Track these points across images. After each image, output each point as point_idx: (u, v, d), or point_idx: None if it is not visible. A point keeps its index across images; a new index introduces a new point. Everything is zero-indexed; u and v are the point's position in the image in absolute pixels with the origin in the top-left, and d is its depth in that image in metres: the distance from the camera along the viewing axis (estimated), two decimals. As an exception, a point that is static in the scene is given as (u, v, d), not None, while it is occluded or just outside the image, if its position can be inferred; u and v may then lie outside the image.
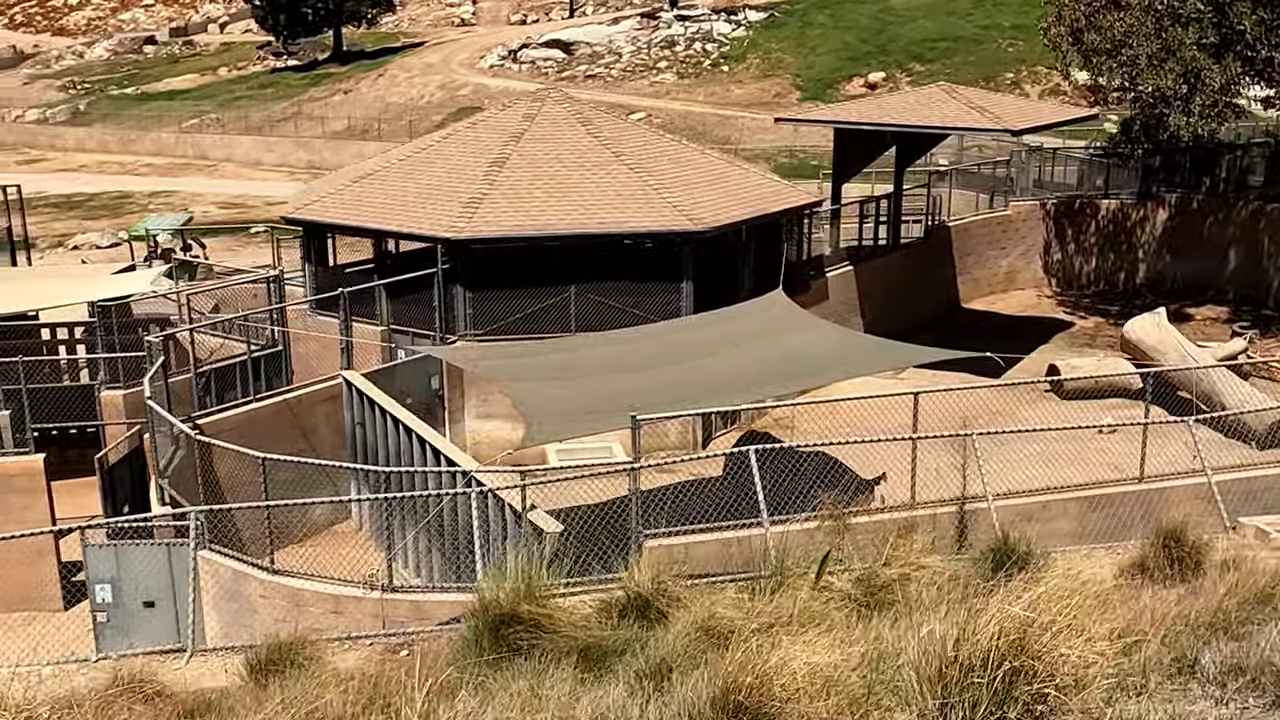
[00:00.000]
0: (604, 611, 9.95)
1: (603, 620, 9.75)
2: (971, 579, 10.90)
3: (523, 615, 9.59)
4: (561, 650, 9.17)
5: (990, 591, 9.92)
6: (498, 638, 9.67)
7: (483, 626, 9.83)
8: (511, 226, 21.55)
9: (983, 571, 11.09)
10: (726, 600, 9.56)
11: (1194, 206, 31.72)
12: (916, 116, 24.75)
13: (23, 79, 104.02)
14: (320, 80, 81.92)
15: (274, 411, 19.26)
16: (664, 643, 8.78)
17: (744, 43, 72.36)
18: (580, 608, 9.94)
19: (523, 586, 9.85)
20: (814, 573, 10.31)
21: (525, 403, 15.71)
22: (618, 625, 9.70)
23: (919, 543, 10.88)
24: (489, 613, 9.82)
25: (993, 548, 11.06)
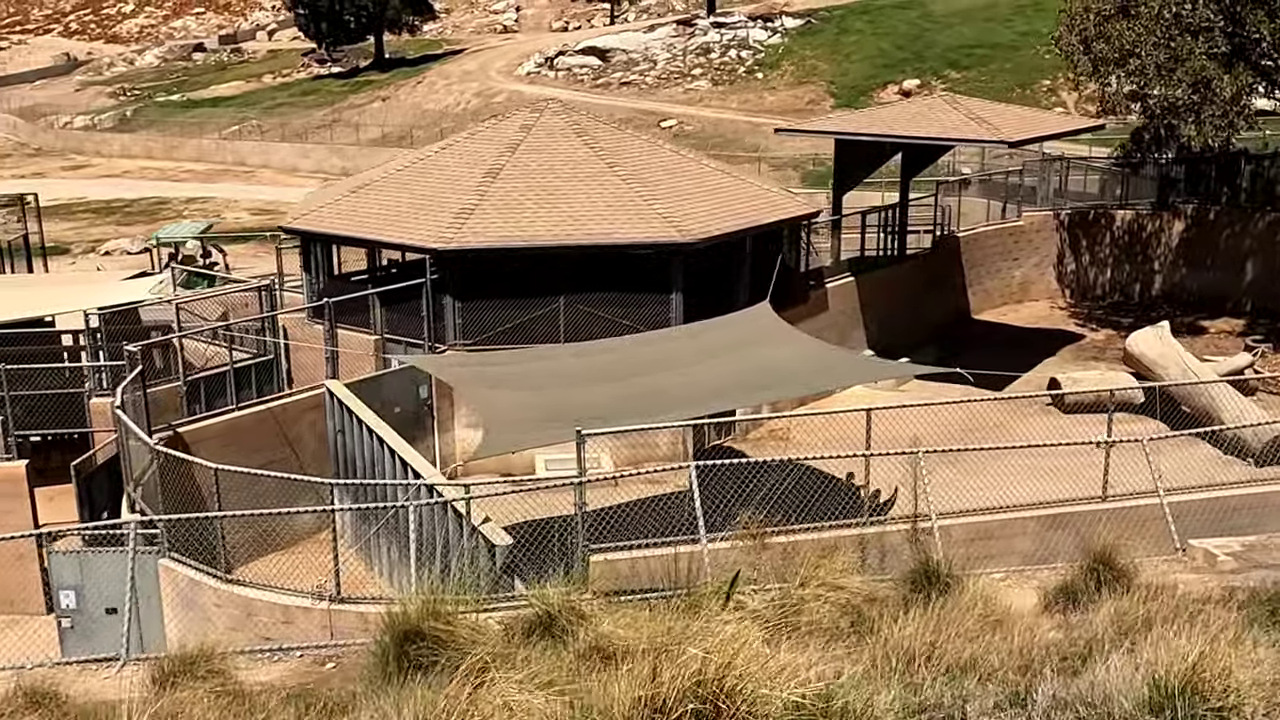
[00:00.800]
0: (511, 629, 9.99)
1: (508, 638, 9.78)
2: (890, 600, 10.85)
3: (426, 632, 9.67)
4: (458, 669, 9.23)
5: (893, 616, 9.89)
6: (403, 654, 9.75)
7: (390, 642, 9.93)
8: (499, 237, 21.66)
9: (903, 593, 11.04)
10: (623, 620, 9.58)
11: (1211, 218, 31.26)
12: (916, 128, 24.59)
13: (75, 86, 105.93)
14: (361, 87, 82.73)
15: (257, 420, 19.47)
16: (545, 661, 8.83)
17: (779, 50, 72.20)
18: (490, 625, 9.99)
19: (430, 603, 9.94)
20: (724, 592, 10.30)
21: (486, 412, 15.79)
22: (523, 643, 9.73)
23: (841, 562, 10.83)
24: (395, 628, 9.91)
25: (914, 569, 10.98)
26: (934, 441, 18.98)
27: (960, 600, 10.07)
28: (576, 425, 13.96)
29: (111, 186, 65.76)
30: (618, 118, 66.22)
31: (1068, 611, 10.35)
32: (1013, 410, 24.41)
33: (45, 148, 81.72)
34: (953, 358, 28.52)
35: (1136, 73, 26.49)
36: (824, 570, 10.64)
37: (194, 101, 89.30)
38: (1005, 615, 9.48)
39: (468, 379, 17.50)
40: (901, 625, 8.62)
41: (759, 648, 5.04)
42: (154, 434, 18.03)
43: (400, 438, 17.22)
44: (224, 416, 19.17)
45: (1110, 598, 10.21)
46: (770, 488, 14.85)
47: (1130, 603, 9.42)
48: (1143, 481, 16.91)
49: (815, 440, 24.06)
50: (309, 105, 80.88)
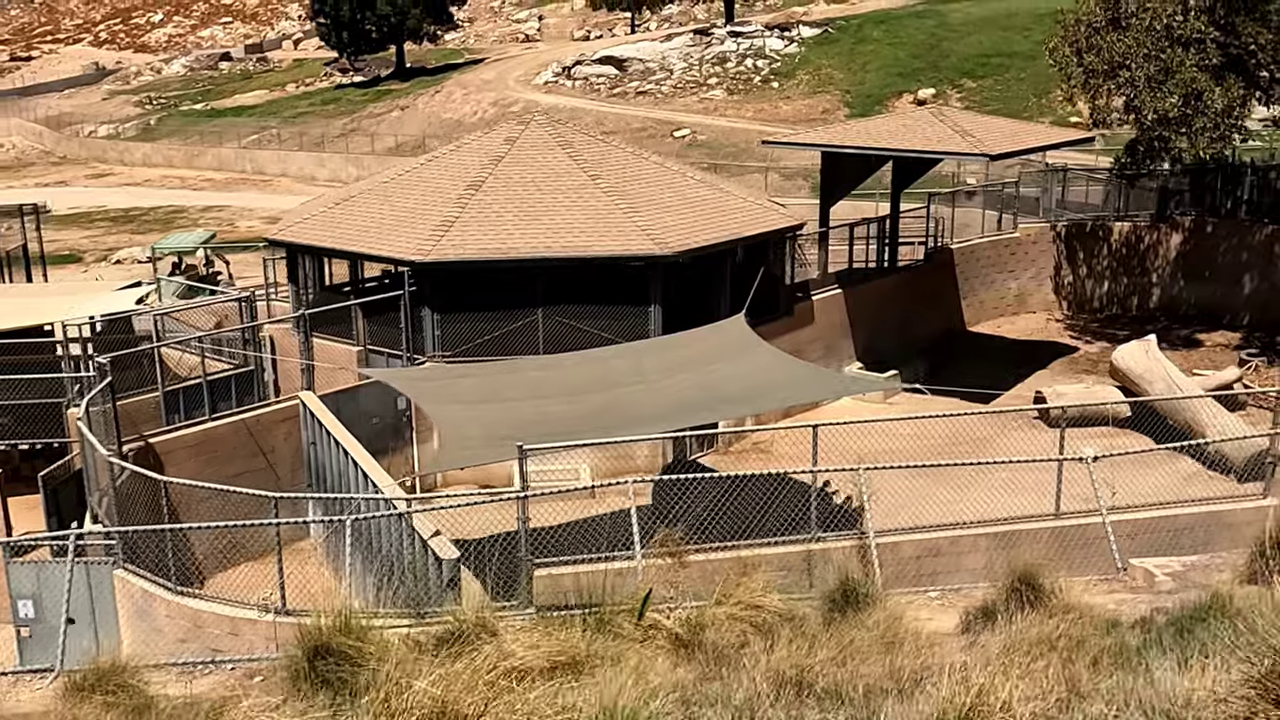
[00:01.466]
0: (423, 646, 10.05)
1: (419, 654, 9.84)
2: (808, 619, 10.85)
3: (335, 648, 9.75)
4: (361, 685, 9.31)
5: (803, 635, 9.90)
6: (313, 669, 9.84)
7: (301, 656, 10.01)
8: (477, 250, 21.77)
9: (823, 611, 11.03)
10: (528, 639, 9.63)
11: (1208, 230, 31.04)
12: (900, 140, 24.55)
13: (103, 95, 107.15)
14: (381, 96, 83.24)
15: (231, 431, 19.64)
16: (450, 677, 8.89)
17: (795, 59, 72.13)
18: (396, 641, 10.04)
19: (342, 619, 10.02)
20: (636, 610, 10.34)
21: (442, 427, 15.88)
22: (434, 659, 9.78)
23: (761, 581, 10.83)
24: (307, 644, 9.99)
25: (834, 588, 10.96)
26: (916, 455, 19.04)
27: (866, 620, 10.07)
28: (534, 439, 14.02)
29: (131, 195, 66.46)
30: (633, 127, 66.45)
31: (981, 632, 10.31)
32: (999, 424, 24.33)
33: (70, 156, 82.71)
34: (943, 370, 28.57)
35: (1127, 85, 26.33)
36: (743, 589, 10.66)
37: (217, 111, 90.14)
38: (909, 637, 9.45)
39: (430, 393, 17.58)
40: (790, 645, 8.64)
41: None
42: (124, 444, 18.25)
43: (363, 449, 17.35)
44: (197, 427, 19.33)
45: (1021, 619, 10.18)
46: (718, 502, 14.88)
47: (1041, 624, 9.41)
48: (1133, 496, 16.88)
49: (799, 452, 24.13)
50: (330, 114, 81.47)
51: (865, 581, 11.14)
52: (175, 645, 14.22)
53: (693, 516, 13.82)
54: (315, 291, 25.37)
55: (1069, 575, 13.84)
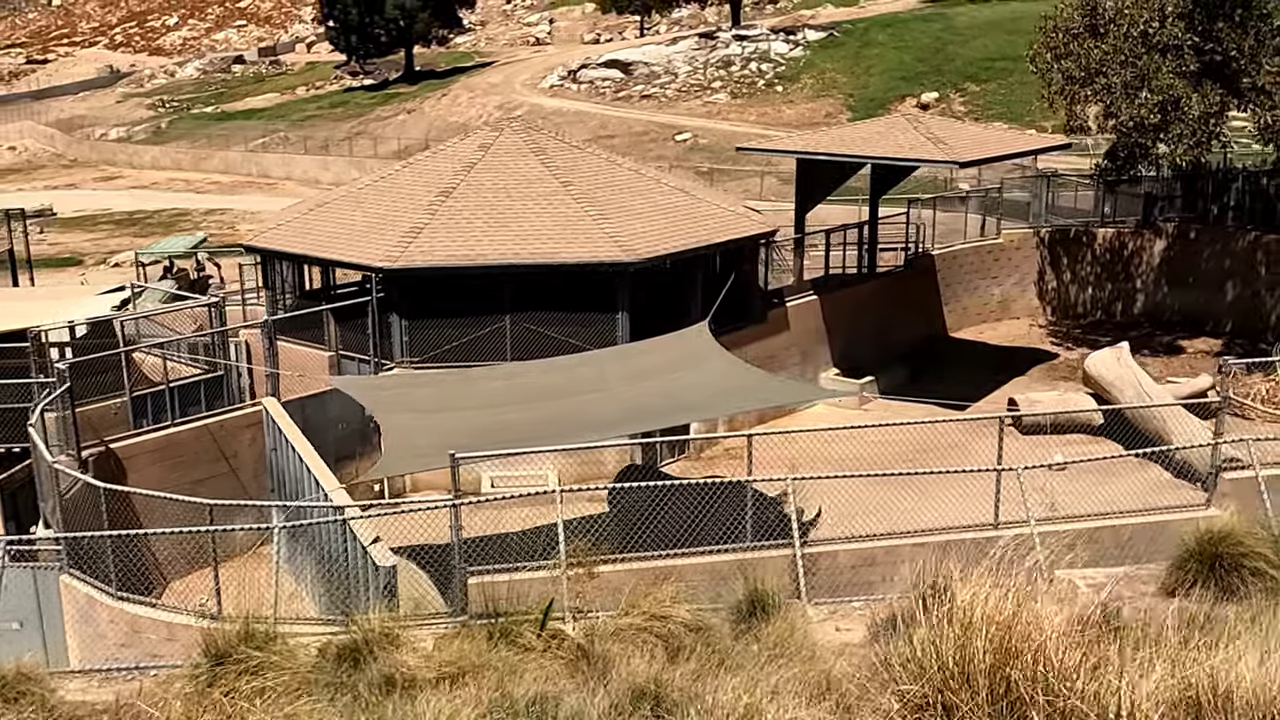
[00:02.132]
0: (325, 654, 10.16)
1: (320, 665, 9.95)
2: (715, 629, 10.92)
3: (235, 656, 9.87)
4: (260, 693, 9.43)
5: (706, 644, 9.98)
6: (214, 676, 9.97)
7: (204, 662, 10.15)
8: (444, 257, 21.90)
9: (730, 622, 11.10)
10: (421, 650, 9.74)
11: (1191, 236, 30.94)
12: (873, 147, 24.59)
13: (116, 98, 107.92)
14: (388, 100, 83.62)
15: (193, 436, 19.82)
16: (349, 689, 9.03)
17: (800, 63, 72.15)
18: (300, 650, 10.16)
19: (246, 627, 10.16)
20: (539, 620, 10.43)
21: (389, 435, 16.00)
22: (334, 669, 9.89)
23: (670, 591, 10.91)
24: (210, 651, 10.13)
25: (743, 599, 11.03)
26: (886, 462, 19.09)
27: (762, 631, 10.14)
28: (488, 446, 14.19)
29: (137, 198, 66.95)
30: (635, 130, 66.60)
31: (880, 644, 10.35)
32: (971, 430, 24.31)
33: (80, 159, 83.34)
34: (922, 376, 28.58)
35: (1103, 91, 26.29)
36: (651, 600, 10.74)
37: (227, 114, 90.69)
38: (801, 648, 9.51)
39: (385, 401, 17.70)
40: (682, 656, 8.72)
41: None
42: (85, 449, 18.45)
43: (316, 455, 17.47)
44: (159, 433, 19.50)
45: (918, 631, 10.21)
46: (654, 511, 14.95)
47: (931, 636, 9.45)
48: (1105, 503, 16.92)
49: (769, 458, 24.19)
50: (338, 117, 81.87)
51: (775, 592, 11.19)
52: (117, 650, 14.39)
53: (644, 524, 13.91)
54: (295, 297, 25.58)
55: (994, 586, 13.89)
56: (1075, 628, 5.71)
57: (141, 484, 19.33)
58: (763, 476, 15.02)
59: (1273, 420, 25.36)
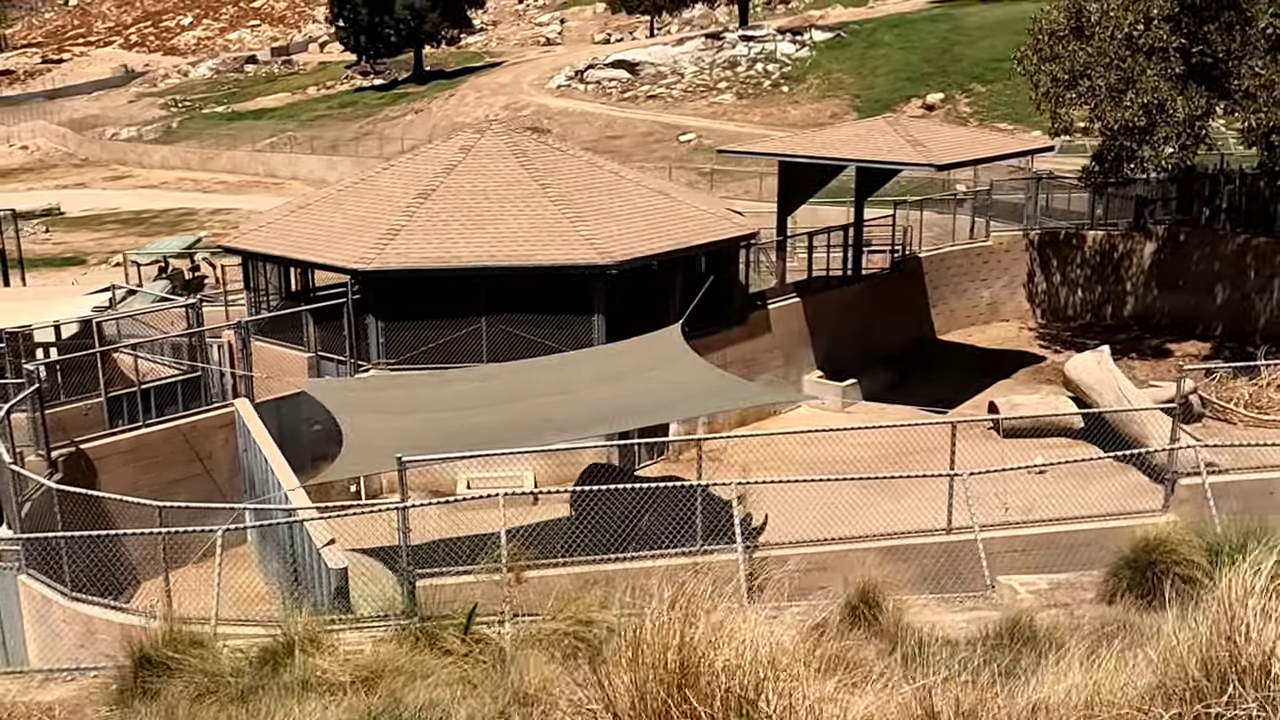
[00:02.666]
0: (247, 656, 10.22)
1: (239, 668, 10.00)
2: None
3: (158, 659, 9.95)
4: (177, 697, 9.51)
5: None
6: (137, 679, 10.05)
7: (129, 667, 10.23)
8: (419, 259, 21.97)
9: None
10: (340, 654, 9.79)
11: (1181, 239, 30.81)
12: (852, 150, 24.56)
13: (130, 97, 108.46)
14: (397, 100, 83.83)
15: (164, 437, 19.95)
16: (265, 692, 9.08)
17: (806, 64, 72.04)
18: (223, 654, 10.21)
19: (170, 630, 10.23)
20: (461, 624, 10.48)
21: (350, 436, 16.08)
22: (255, 672, 9.95)
23: (596, 596, 10.93)
24: (134, 654, 10.20)
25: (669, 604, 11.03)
26: (867, 464, 19.11)
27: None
28: (457, 449, 14.31)
29: (145, 197, 67.30)
30: (640, 131, 66.61)
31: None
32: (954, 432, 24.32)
33: (91, 158, 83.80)
34: (908, 379, 28.52)
35: (1087, 94, 26.20)
36: (577, 604, 10.77)
37: (238, 113, 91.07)
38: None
39: (351, 404, 17.78)
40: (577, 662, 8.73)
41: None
42: (55, 450, 18.59)
43: (280, 456, 17.58)
44: (131, 433, 19.63)
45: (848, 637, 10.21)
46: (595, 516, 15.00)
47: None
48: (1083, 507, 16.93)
49: (748, 460, 24.20)
50: (347, 118, 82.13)
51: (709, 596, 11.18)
52: (74, 650, 14.49)
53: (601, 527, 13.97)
54: (280, 298, 25.70)
55: (941, 591, 13.91)
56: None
57: (114, 484, 19.48)
58: (714, 480, 14.99)
59: (1255, 425, 25.31)
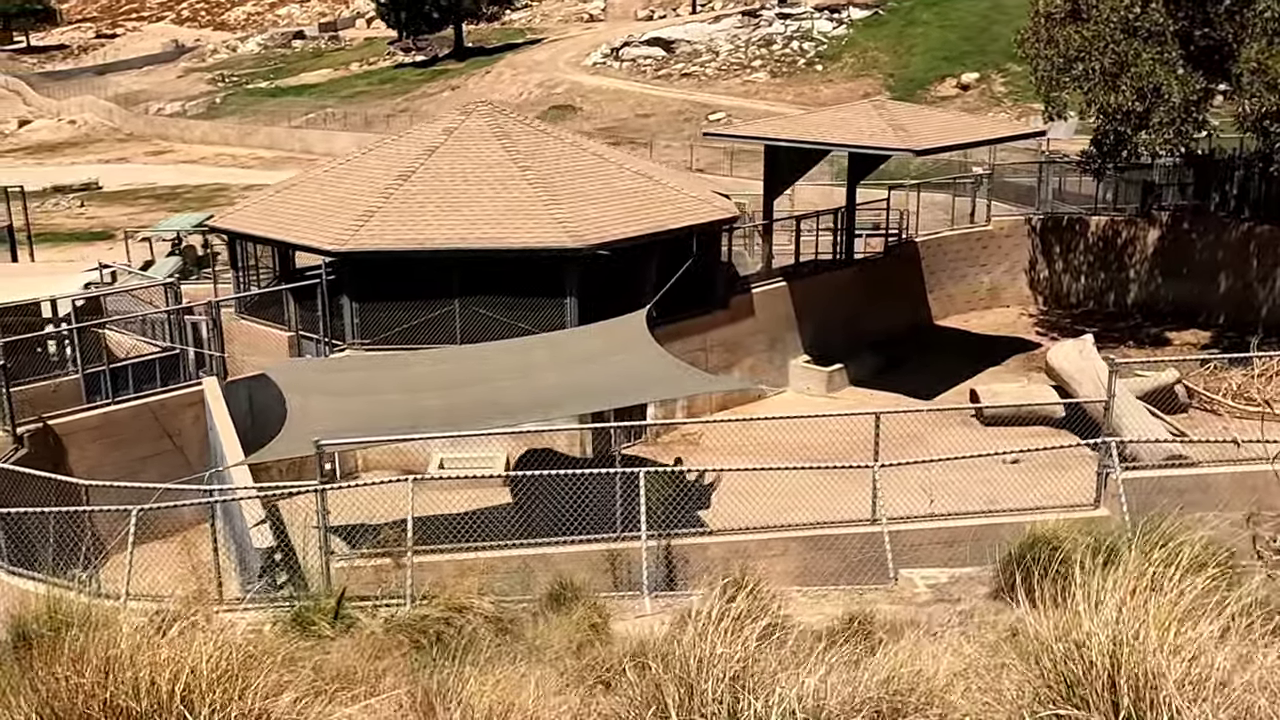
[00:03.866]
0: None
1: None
2: (518, 620, 11.07)
3: (29, 634, 10.20)
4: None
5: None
6: (15, 654, 10.31)
7: (8, 641, 10.50)
8: (393, 240, 22.16)
9: (536, 611, 11.24)
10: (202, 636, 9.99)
11: (1186, 225, 30.31)
12: (835, 134, 24.41)
13: (178, 72, 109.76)
14: (435, 76, 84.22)
15: (133, 414, 20.30)
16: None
17: (842, 41, 71.44)
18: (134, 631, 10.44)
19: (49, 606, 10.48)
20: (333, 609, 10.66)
21: (292, 416, 16.32)
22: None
23: (475, 582, 11.07)
24: (16, 629, 10.47)
25: (549, 590, 11.15)
26: (846, 451, 19.14)
27: (553, 623, 10.28)
28: (402, 430, 14.58)
29: (182, 172, 68.20)
30: (671, 109, 66.47)
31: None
32: (933, 421, 24.18)
33: (135, 133, 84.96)
34: (899, 364, 28.35)
35: (1081, 78, 25.82)
36: (454, 590, 10.91)
37: (281, 89, 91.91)
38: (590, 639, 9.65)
39: (303, 384, 18.01)
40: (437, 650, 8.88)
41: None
42: (20, 426, 19.02)
43: (233, 435, 17.88)
44: (98, 410, 20.01)
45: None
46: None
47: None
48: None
49: (725, 444, 24.26)
50: (385, 94, 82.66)
51: (585, 585, 11.30)
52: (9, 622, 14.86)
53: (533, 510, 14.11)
54: (274, 277, 26.03)
55: (859, 583, 13.91)
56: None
57: (82, 461, 19.93)
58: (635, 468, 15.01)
59: (1241, 416, 24.90)
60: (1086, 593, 5.68)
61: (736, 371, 26.03)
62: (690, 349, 25.10)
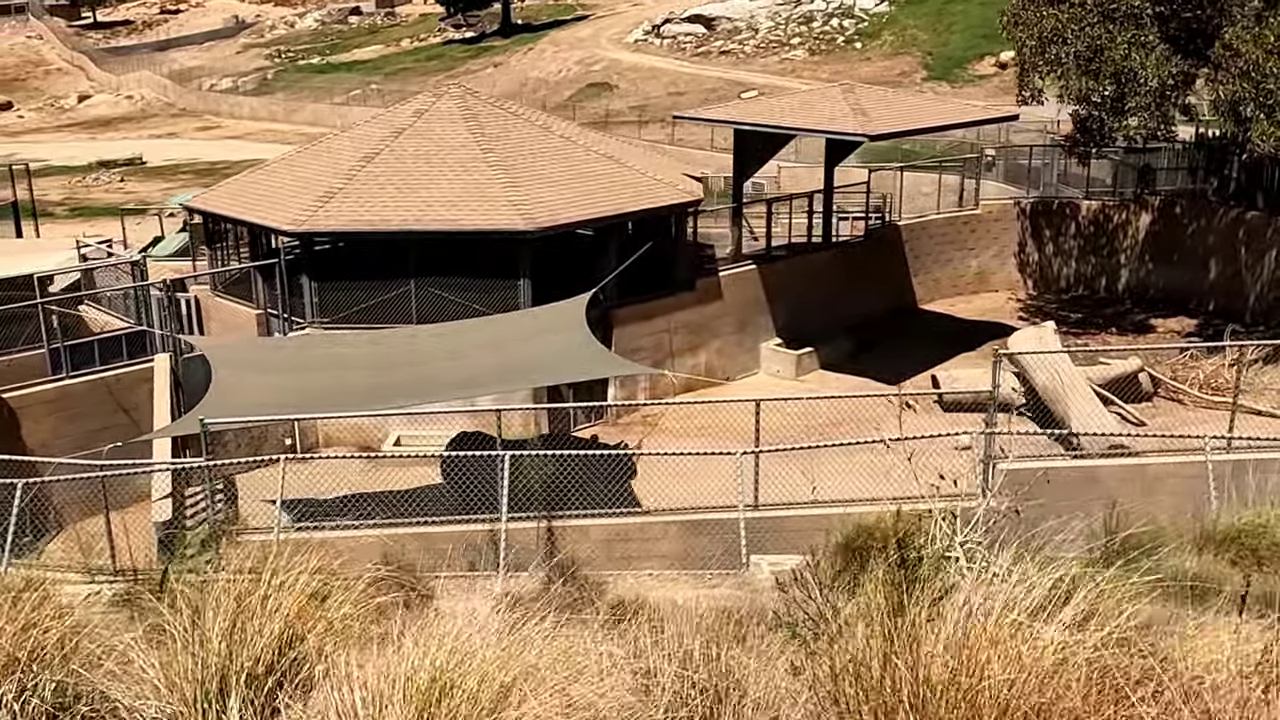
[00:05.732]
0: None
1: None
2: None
3: None
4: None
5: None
6: None
7: None
8: (349, 222, 22.60)
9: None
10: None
11: (1176, 211, 29.86)
12: (796, 118, 24.39)
13: (237, 48, 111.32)
14: (481, 53, 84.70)
15: (88, 388, 20.98)
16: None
17: (883, 19, 70.72)
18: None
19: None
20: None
21: (211, 393, 16.83)
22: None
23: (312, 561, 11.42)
24: None
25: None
26: (802, 435, 19.39)
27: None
28: (322, 408, 15.05)
29: (226, 148, 69.37)
30: (705, 87, 66.28)
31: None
32: (890, 406, 24.19)
33: (188, 109, 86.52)
34: (873, 348, 28.31)
35: (1054, 62, 25.53)
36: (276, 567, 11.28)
37: (332, 65, 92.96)
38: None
39: (236, 361, 18.51)
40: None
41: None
42: (-27, 398, 19.78)
43: (167, 411, 18.45)
44: (53, 384, 20.71)
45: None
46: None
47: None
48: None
49: (684, 426, 24.45)
50: (429, 71, 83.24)
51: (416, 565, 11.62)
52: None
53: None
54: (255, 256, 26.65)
55: (727, 568, 14.09)
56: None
57: (36, 433, 20.67)
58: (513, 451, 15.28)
59: (1205, 406, 24.58)
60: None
61: (703, 354, 26.21)
62: (654, 330, 25.36)
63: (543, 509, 14.62)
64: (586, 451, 15.62)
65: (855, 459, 17.62)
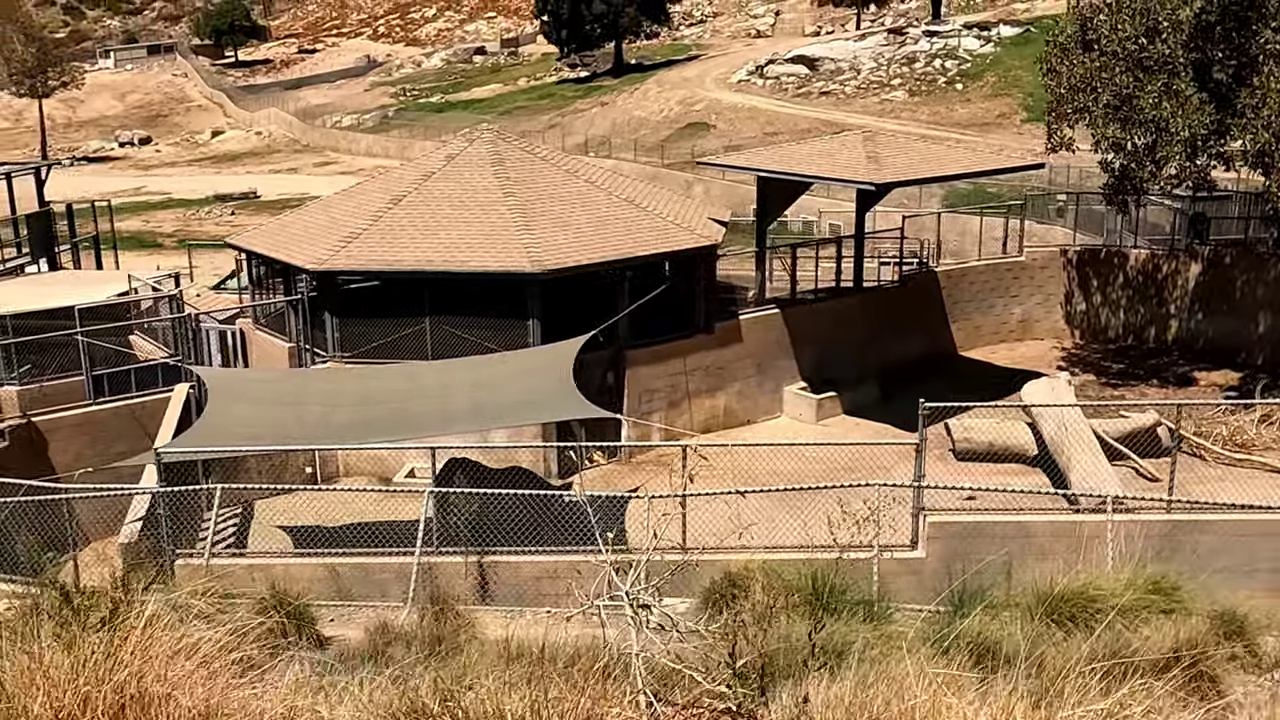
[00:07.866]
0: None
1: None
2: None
3: None
4: None
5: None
6: None
7: None
8: (366, 261, 23.56)
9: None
10: None
11: (1226, 262, 29.14)
12: (812, 166, 24.63)
13: (365, 86, 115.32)
14: (590, 92, 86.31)
15: (112, 414, 22.26)
16: None
17: (986, 60, 70.09)
18: None
19: None
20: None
21: (199, 422, 17.80)
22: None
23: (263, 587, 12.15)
24: None
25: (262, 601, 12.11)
26: (815, 478, 19.69)
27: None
28: (298, 440, 15.95)
29: (335, 184, 71.84)
30: (800, 128, 66.47)
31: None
32: (901, 454, 24.13)
33: (311, 144, 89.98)
34: (904, 395, 28.16)
35: (1083, 111, 25.28)
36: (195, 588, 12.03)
37: (450, 104, 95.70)
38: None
39: (232, 392, 19.49)
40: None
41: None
42: (4, 421, 21.18)
43: (170, 436, 19.50)
44: (80, 409, 22.03)
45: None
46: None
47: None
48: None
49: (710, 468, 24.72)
50: (542, 109, 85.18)
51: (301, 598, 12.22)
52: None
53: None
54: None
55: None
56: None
57: (62, 454, 22.01)
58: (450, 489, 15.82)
59: (1226, 463, 23.93)
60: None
61: (722, 396, 26.49)
62: (670, 372, 25.76)
63: (473, 545, 15.14)
64: (511, 491, 16.09)
65: (824, 506, 17.73)
